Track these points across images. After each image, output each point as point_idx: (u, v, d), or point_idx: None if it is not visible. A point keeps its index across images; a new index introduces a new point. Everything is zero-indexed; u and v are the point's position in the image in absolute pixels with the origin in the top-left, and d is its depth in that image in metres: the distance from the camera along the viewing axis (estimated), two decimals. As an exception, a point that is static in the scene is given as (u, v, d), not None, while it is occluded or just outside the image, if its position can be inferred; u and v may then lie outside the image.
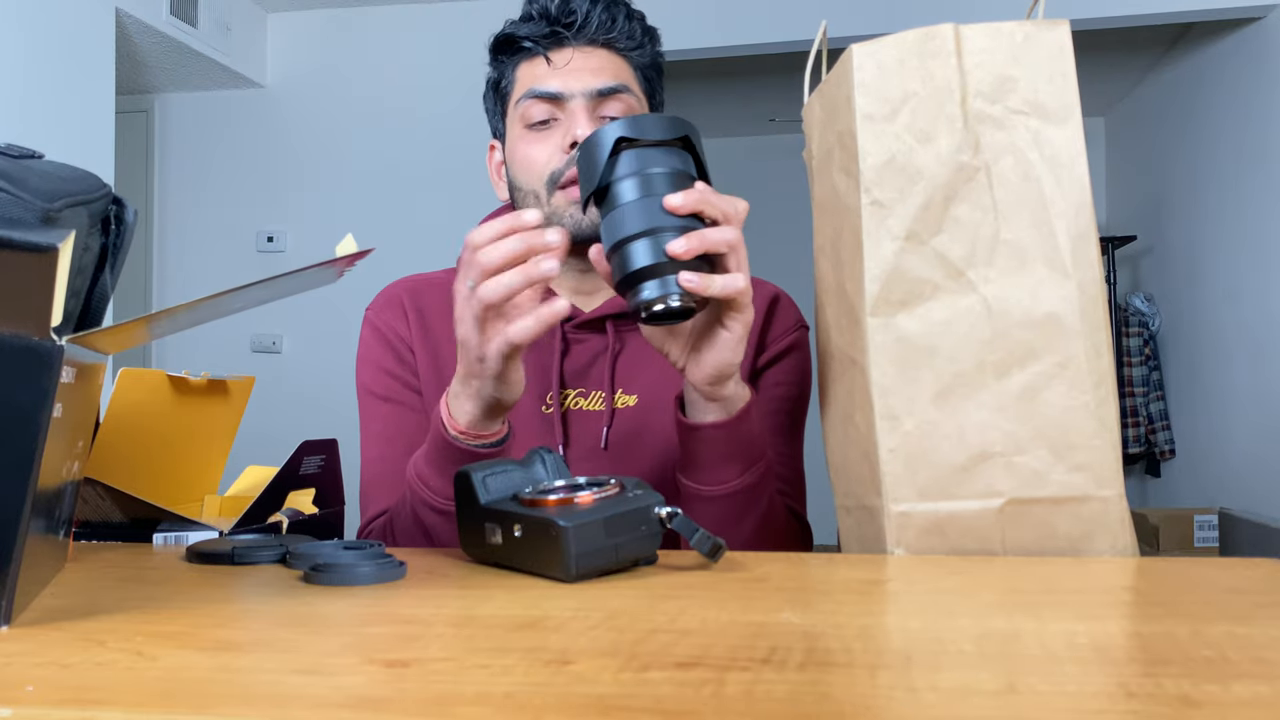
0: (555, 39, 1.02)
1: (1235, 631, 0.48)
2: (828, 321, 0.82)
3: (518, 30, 1.03)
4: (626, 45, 1.04)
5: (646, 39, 1.06)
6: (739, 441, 0.86)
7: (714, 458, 0.87)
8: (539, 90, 1.01)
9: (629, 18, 1.04)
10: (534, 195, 1.01)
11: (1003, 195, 0.73)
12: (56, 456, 0.53)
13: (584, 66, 1.01)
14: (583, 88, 1.00)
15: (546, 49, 1.02)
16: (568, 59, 1.02)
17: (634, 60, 1.05)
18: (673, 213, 0.74)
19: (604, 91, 1.01)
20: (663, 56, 1.09)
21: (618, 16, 1.03)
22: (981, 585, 0.62)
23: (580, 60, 1.02)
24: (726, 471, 0.87)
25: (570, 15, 1.01)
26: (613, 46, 1.03)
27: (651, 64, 1.07)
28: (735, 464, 0.87)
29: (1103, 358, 0.72)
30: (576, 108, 1.00)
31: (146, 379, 0.97)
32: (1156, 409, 4.68)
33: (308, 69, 4.09)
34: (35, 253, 0.48)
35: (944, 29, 0.74)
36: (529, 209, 0.78)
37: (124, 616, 0.54)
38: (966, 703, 0.38)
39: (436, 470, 0.86)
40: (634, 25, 1.04)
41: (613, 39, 1.03)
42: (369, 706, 0.38)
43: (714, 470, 0.88)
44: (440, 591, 0.61)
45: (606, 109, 1.01)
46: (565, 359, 1.03)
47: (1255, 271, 3.79)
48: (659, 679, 0.41)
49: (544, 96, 1.01)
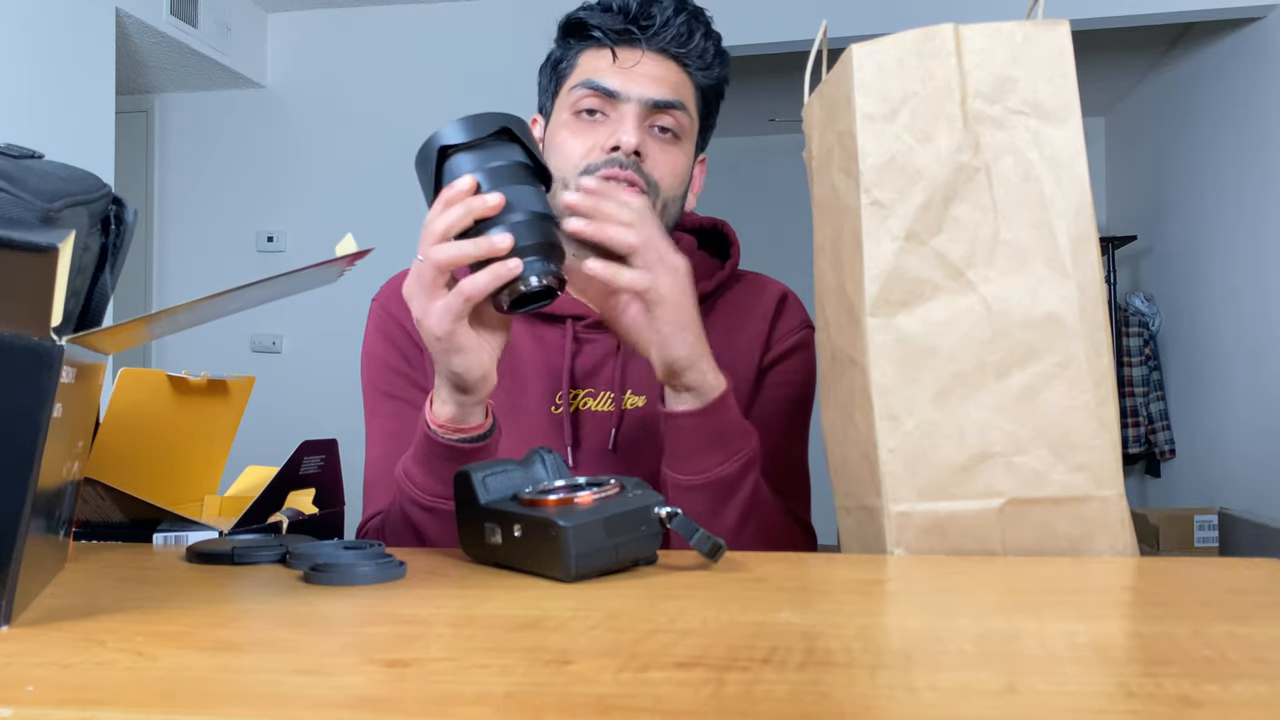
0: (627, 37, 1.00)
1: (1235, 631, 0.48)
2: (828, 321, 0.82)
3: (592, 17, 1.01)
4: (696, 63, 1.02)
5: (717, 61, 1.04)
6: (714, 431, 0.88)
7: (689, 446, 0.88)
8: (597, 83, 0.99)
9: (706, 36, 1.02)
10: (563, 182, 1.00)
11: (1002, 195, 0.73)
12: (56, 456, 0.53)
13: (648, 73, 0.99)
14: (641, 93, 0.99)
15: (615, 44, 1.00)
16: (635, 60, 1.00)
17: (698, 79, 1.03)
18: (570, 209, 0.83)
19: (660, 104, 0.99)
20: (727, 82, 1.07)
21: (695, 32, 1.01)
22: (981, 585, 0.62)
23: (646, 65, 1.00)
24: (703, 461, 0.89)
25: (649, 18, 1.00)
26: (681, 61, 1.01)
27: (714, 87, 1.05)
28: (712, 453, 0.88)
29: (1103, 358, 0.72)
30: (629, 112, 0.98)
31: (146, 379, 0.97)
32: (1156, 409, 4.68)
33: (308, 69, 4.09)
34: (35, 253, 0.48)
35: (944, 29, 0.74)
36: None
37: (124, 616, 0.54)
38: (966, 703, 0.38)
39: (421, 466, 0.87)
40: (708, 45, 1.02)
41: (684, 53, 1.01)
42: (369, 706, 0.38)
43: (690, 459, 0.89)
44: (440, 591, 0.61)
45: (658, 120, 1.00)
46: (576, 359, 1.03)
47: (1255, 271, 3.79)
48: (659, 679, 0.41)
49: (600, 91, 0.99)
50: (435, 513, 0.87)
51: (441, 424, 0.84)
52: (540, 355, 1.03)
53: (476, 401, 0.84)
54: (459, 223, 0.77)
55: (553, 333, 1.04)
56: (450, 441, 0.84)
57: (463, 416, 0.84)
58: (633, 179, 0.97)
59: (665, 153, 1.00)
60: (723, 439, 0.89)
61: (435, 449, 0.85)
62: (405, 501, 0.89)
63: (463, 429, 0.85)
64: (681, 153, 1.02)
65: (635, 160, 0.98)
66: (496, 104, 2.52)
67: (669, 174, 1.00)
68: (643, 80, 0.99)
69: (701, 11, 1.03)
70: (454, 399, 0.84)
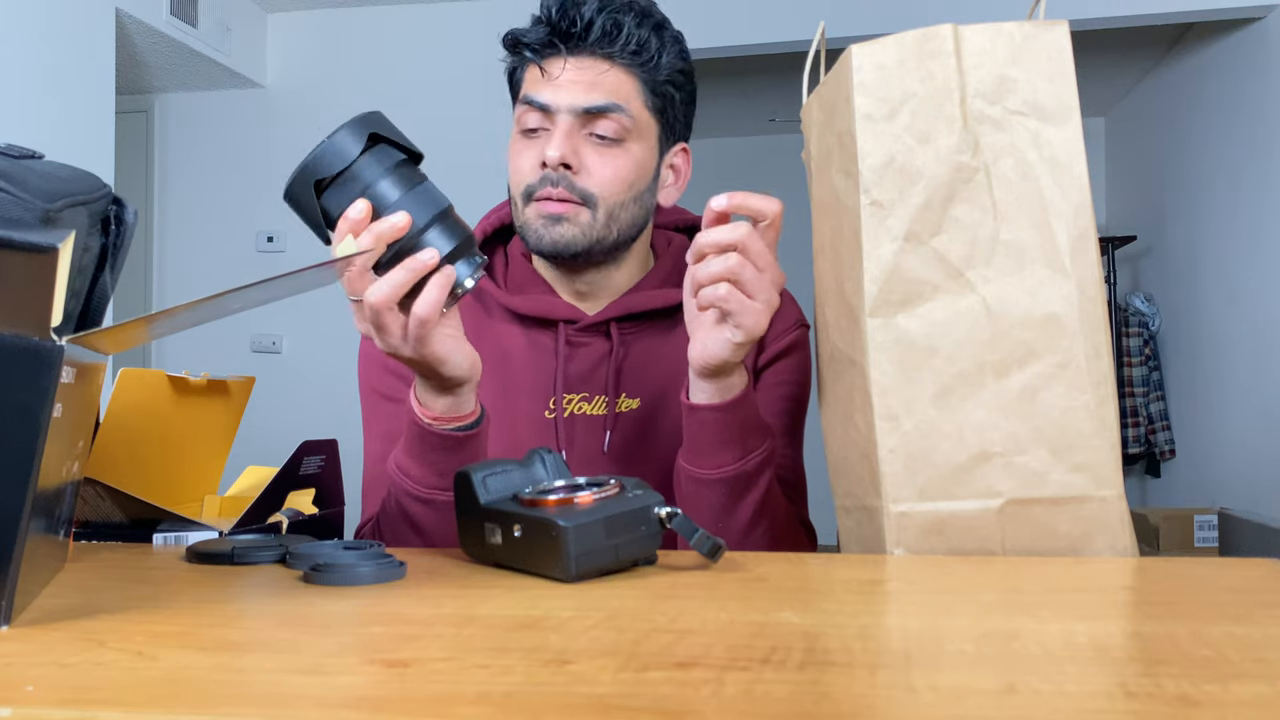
0: (552, 47, 0.97)
1: (1235, 631, 0.48)
2: (827, 322, 0.82)
3: (522, 33, 0.99)
4: (631, 59, 0.97)
5: (661, 51, 0.98)
6: (733, 427, 0.87)
7: (709, 440, 0.88)
8: (531, 98, 0.98)
9: (641, 26, 0.97)
10: (515, 202, 1.01)
11: (1002, 196, 0.73)
12: (56, 456, 0.53)
13: (577, 80, 0.96)
14: (569, 103, 0.95)
15: (542, 58, 0.97)
16: (561, 70, 0.96)
17: (642, 75, 0.98)
18: (719, 213, 0.80)
19: (591, 110, 0.95)
20: (684, 66, 1.01)
21: (624, 25, 0.96)
22: (981, 585, 0.62)
23: (575, 73, 0.96)
24: (722, 456, 0.88)
25: (570, 22, 0.95)
26: (615, 60, 0.96)
27: (667, 79, 0.99)
28: (732, 449, 0.88)
29: (1102, 358, 0.72)
30: (561, 123, 0.96)
31: (146, 379, 0.97)
32: (1156, 409, 4.68)
33: (308, 69, 4.09)
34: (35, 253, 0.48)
35: (943, 29, 0.74)
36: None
37: (124, 616, 0.54)
38: (966, 702, 0.38)
39: (414, 458, 0.87)
40: (644, 34, 0.97)
41: (614, 51, 0.96)
42: (369, 706, 0.38)
43: (710, 454, 0.89)
44: (440, 591, 0.61)
45: (596, 128, 0.96)
46: (568, 363, 1.03)
47: (1255, 271, 3.79)
48: (659, 679, 0.41)
49: (535, 106, 0.97)
50: (432, 504, 0.88)
51: (437, 416, 0.85)
52: (533, 359, 1.03)
53: (470, 389, 0.85)
54: (375, 254, 0.75)
55: (545, 337, 1.04)
56: (445, 431, 0.84)
57: (457, 406, 0.85)
58: (563, 195, 0.96)
59: (604, 160, 0.97)
60: (743, 435, 0.88)
61: (429, 440, 0.85)
62: (400, 495, 0.89)
63: (457, 418, 0.85)
64: (626, 156, 0.98)
65: (565, 174, 0.96)
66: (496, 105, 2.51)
67: (610, 180, 0.97)
68: (571, 89, 0.96)
69: (633, 2, 0.98)
70: (447, 394, 0.84)
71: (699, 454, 0.89)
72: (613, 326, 1.03)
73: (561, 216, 0.97)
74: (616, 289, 1.05)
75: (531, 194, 0.98)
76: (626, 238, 1.01)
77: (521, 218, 0.99)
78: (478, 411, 0.87)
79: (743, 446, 0.88)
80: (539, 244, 0.98)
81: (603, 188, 0.97)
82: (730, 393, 0.86)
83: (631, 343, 1.04)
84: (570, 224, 0.97)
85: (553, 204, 0.96)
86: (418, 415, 0.85)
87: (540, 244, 0.98)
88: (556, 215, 0.97)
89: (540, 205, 0.97)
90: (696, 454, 0.89)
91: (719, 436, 0.88)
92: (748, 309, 0.80)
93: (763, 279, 0.79)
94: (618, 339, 1.03)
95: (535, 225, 0.98)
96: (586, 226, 0.97)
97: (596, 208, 0.97)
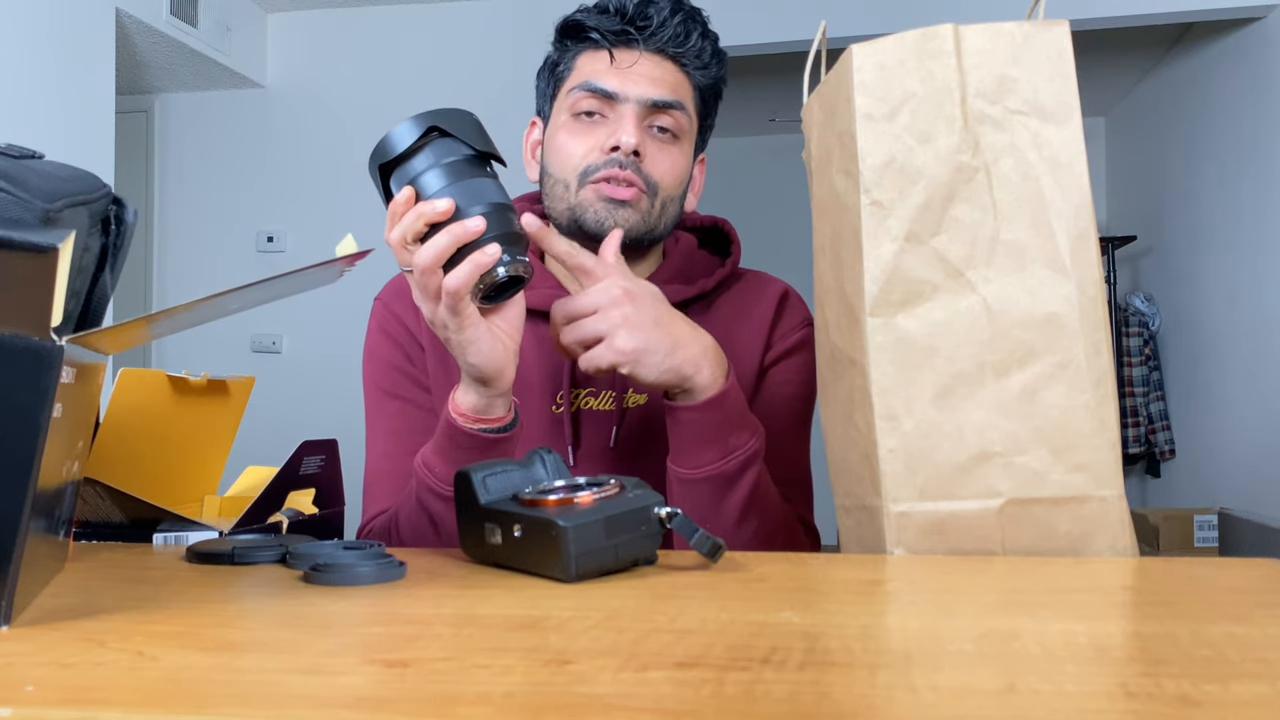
0: (624, 38, 1.00)
1: (1235, 631, 0.48)
2: (827, 321, 0.82)
3: (588, 19, 1.02)
4: (694, 63, 1.02)
5: (714, 61, 1.04)
6: (712, 426, 0.89)
7: (688, 440, 0.90)
8: (595, 85, 1.00)
9: (704, 36, 1.02)
10: (564, 184, 1.01)
11: (1002, 195, 0.73)
12: (56, 456, 0.53)
13: (646, 73, 1.00)
14: (640, 94, 0.99)
15: (613, 45, 1.01)
16: (633, 61, 1.00)
17: (696, 79, 1.03)
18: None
19: (659, 104, 0.99)
20: (725, 82, 1.07)
21: (693, 32, 1.01)
22: (981, 585, 0.62)
23: (644, 66, 1.00)
24: (702, 455, 0.90)
25: (646, 19, 1.00)
26: (679, 61, 1.02)
27: (711, 86, 1.05)
28: (710, 448, 0.90)
29: (1102, 357, 0.72)
30: (627, 112, 0.99)
31: (146, 379, 0.97)
32: (1156, 409, 4.68)
33: (308, 69, 4.09)
34: (35, 253, 0.48)
35: (943, 29, 0.74)
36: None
37: (124, 616, 0.54)
38: (966, 702, 0.38)
39: (443, 457, 0.88)
40: (705, 44, 1.03)
41: (681, 53, 1.01)
42: (369, 706, 0.38)
43: (689, 453, 0.90)
44: (440, 591, 0.61)
45: (657, 121, 1.00)
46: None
47: (1255, 271, 3.79)
48: (659, 679, 0.41)
49: (598, 93, 1.00)
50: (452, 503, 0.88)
51: (464, 413, 0.86)
52: (541, 355, 1.03)
53: (498, 393, 0.85)
54: (411, 226, 0.78)
55: None
56: (474, 430, 0.85)
57: (486, 407, 0.85)
58: (631, 179, 0.98)
59: (664, 152, 1.01)
60: (723, 434, 0.89)
61: (459, 438, 0.86)
62: (423, 492, 0.90)
63: (485, 419, 0.86)
64: (680, 152, 1.02)
65: (634, 160, 0.98)
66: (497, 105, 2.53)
67: (668, 174, 1.01)
68: (641, 81, 0.99)
69: (698, 12, 1.04)
70: (475, 389, 0.85)
71: (680, 453, 0.91)
72: None
73: (628, 201, 0.99)
74: None
75: (590, 174, 0.99)
76: (666, 232, 1.05)
77: (573, 200, 1.00)
78: (509, 418, 0.87)
79: (723, 445, 0.89)
80: (600, 226, 0.99)
81: (663, 179, 1.01)
82: (707, 392, 0.88)
83: None
84: (633, 209, 0.99)
85: (622, 188, 0.98)
86: (450, 411, 0.86)
87: (602, 226, 0.99)
88: (623, 200, 0.98)
89: (604, 187, 0.99)
90: (678, 453, 0.91)
91: (698, 435, 0.89)
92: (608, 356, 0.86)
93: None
94: None
95: (597, 206, 0.99)
96: (646, 213, 1.00)
97: (655, 197, 1.00)
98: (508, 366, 0.84)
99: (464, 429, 0.85)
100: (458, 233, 0.77)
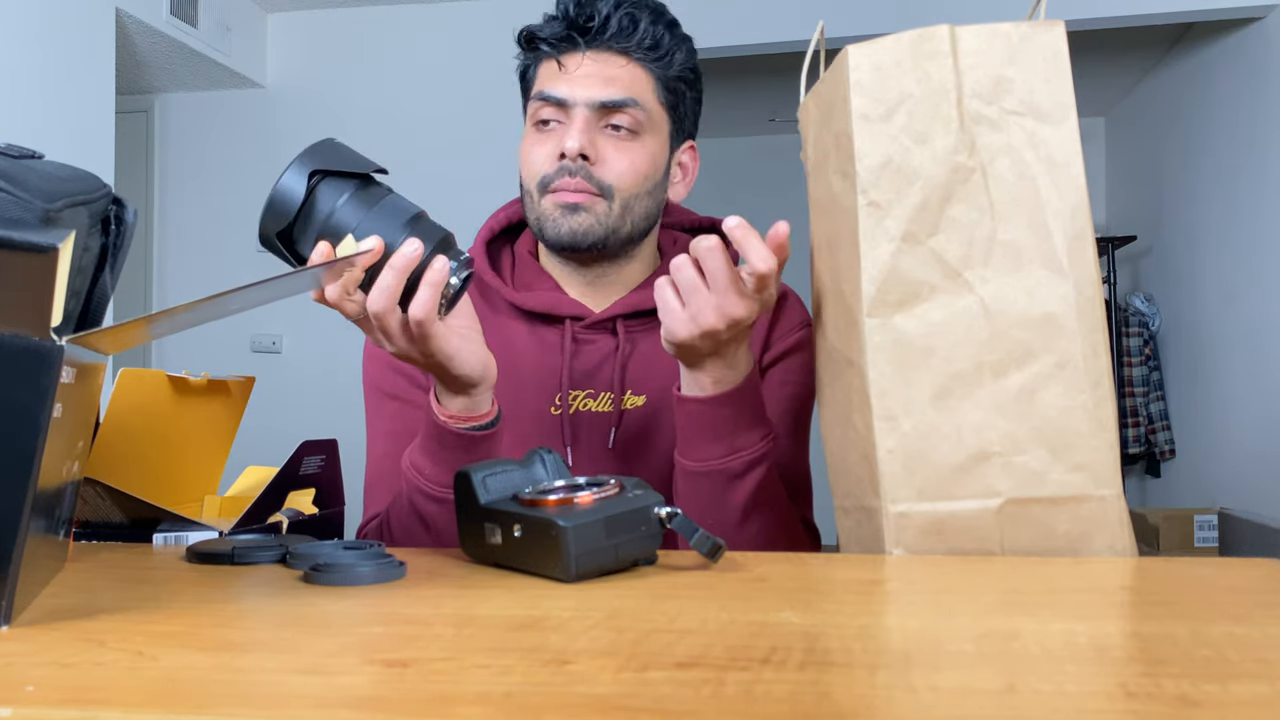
0: (569, 42, 0.99)
1: (1235, 631, 0.48)
2: (824, 322, 0.82)
3: (540, 29, 1.01)
4: (647, 55, 1.00)
5: (675, 48, 1.01)
6: (721, 420, 0.88)
7: (694, 432, 0.89)
8: (546, 94, 1.00)
9: (655, 23, 1.00)
10: (530, 194, 1.02)
11: (999, 196, 0.73)
12: (56, 456, 0.53)
13: (595, 74, 0.98)
14: (587, 97, 0.98)
15: (560, 52, 1.00)
16: (578, 64, 0.99)
17: (656, 71, 1.01)
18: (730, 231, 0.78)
19: (608, 104, 0.98)
20: (695, 68, 1.04)
21: (640, 22, 0.99)
22: (981, 585, 0.62)
23: (592, 67, 0.99)
24: (707, 449, 0.89)
25: (588, 19, 0.98)
26: (631, 55, 0.99)
27: (679, 75, 1.02)
28: (717, 443, 0.89)
29: (1100, 358, 0.72)
30: (577, 116, 0.98)
31: (146, 379, 0.97)
32: (1156, 409, 4.68)
33: (308, 69, 4.09)
34: (35, 253, 0.48)
35: (940, 30, 0.74)
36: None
37: (124, 616, 0.54)
38: (966, 703, 0.38)
39: (430, 458, 0.87)
40: (659, 31, 1.00)
41: (630, 46, 0.99)
42: (369, 706, 0.38)
43: (695, 446, 0.90)
44: (440, 591, 0.61)
45: (610, 120, 0.99)
46: (574, 360, 1.03)
47: (1254, 271, 3.79)
48: (659, 679, 0.41)
49: (551, 100, 0.99)
50: (444, 503, 0.88)
51: (453, 415, 0.85)
52: (539, 356, 1.03)
53: (485, 389, 0.85)
54: (353, 279, 0.76)
55: (551, 334, 1.04)
56: (461, 430, 0.85)
57: (473, 406, 0.85)
58: (580, 185, 0.98)
59: (621, 151, 0.99)
60: (731, 430, 0.89)
61: (446, 439, 0.86)
62: (413, 494, 0.90)
63: (473, 418, 0.86)
64: (641, 149, 1.00)
65: (584, 165, 0.98)
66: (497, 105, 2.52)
67: (626, 173, 0.99)
68: (588, 83, 0.98)
69: (647, 0, 1.01)
70: (463, 394, 0.84)
71: (686, 444, 0.90)
72: (619, 323, 1.04)
73: (579, 206, 0.98)
74: (625, 285, 1.06)
75: (547, 185, 0.99)
76: (639, 230, 1.03)
77: (537, 210, 1.01)
78: (494, 413, 0.87)
79: (730, 442, 0.89)
80: (557, 234, 0.99)
81: (619, 179, 0.99)
82: (719, 387, 0.87)
83: (637, 340, 1.05)
84: (587, 213, 0.98)
85: (570, 193, 0.98)
86: (435, 414, 0.86)
87: (559, 234, 0.99)
88: (574, 204, 0.98)
89: (557, 195, 0.99)
90: (684, 444, 0.91)
91: (705, 429, 0.89)
92: (670, 312, 0.81)
93: (699, 294, 0.80)
94: (624, 336, 1.04)
95: (553, 215, 0.99)
96: (603, 216, 0.99)
97: (613, 199, 0.99)
98: (489, 360, 0.84)
99: (453, 430, 0.85)
100: (400, 265, 0.74)
